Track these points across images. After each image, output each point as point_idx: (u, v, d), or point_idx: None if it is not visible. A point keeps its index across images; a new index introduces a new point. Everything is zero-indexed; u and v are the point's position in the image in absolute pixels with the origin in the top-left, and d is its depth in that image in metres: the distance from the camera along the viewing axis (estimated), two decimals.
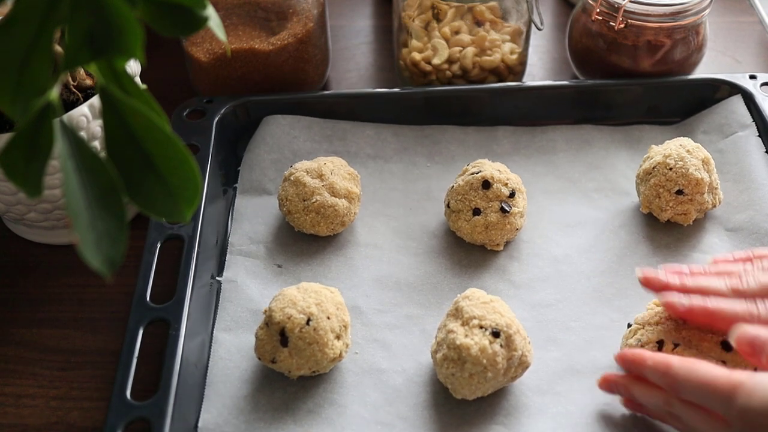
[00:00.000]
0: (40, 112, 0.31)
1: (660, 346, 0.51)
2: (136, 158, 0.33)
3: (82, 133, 0.57)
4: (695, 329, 0.52)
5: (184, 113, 0.69)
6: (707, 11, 0.71)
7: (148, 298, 0.54)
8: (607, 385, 0.52)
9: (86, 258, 0.31)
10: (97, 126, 0.58)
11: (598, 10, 0.71)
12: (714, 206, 0.63)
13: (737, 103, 0.70)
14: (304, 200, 0.62)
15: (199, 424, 0.51)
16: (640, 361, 0.49)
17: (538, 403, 0.53)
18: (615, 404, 0.52)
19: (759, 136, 0.68)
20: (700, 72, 0.77)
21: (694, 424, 0.47)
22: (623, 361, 0.50)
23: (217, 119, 0.68)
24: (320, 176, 0.63)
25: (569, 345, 0.56)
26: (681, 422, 0.48)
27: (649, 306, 0.55)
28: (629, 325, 0.55)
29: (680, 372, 0.46)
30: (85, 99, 0.60)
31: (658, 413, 0.50)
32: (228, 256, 0.62)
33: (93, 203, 0.31)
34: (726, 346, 0.50)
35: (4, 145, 0.32)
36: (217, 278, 0.61)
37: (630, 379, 0.50)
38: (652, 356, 0.48)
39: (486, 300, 0.53)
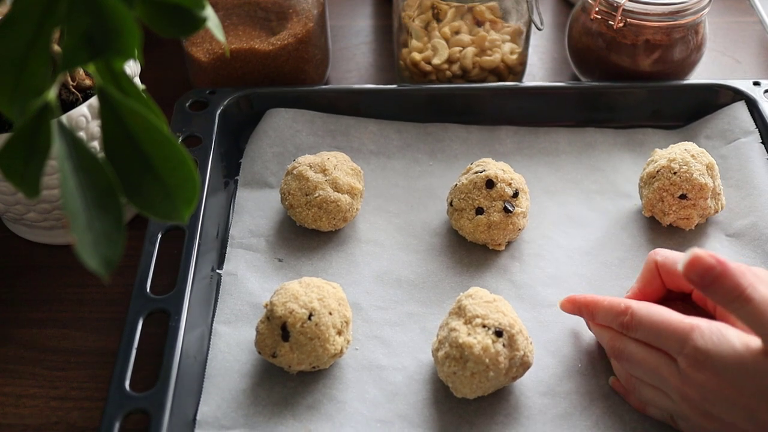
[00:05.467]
0: (38, 113, 0.31)
1: None
2: (134, 159, 0.33)
3: (81, 134, 0.57)
4: None
5: (187, 104, 0.69)
6: (706, 10, 0.71)
7: (148, 289, 0.54)
8: (571, 305, 0.55)
9: (83, 259, 0.31)
10: (96, 126, 0.58)
11: (597, 9, 0.71)
12: (716, 212, 0.63)
13: (740, 109, 0.70)
14: (307, 195, 0.62)
15: (198, 417, 0.51)
16: (593, 306, 0.53)
17: (539, 404, 0.53)
18: (616, 406, 0.52)
19: (762, 142, 0.67)
20: (700, 72, 0.77)
21: (642, 359, 0.49)
22: (573, 304, 0.54)
23: (219, 111, 0.68)
24: (323, 171, 0.63)
25: (570, 346, 0.56)
26: (624, 360, 0.50)
27: None
28: None
29: (640, 311, 0.49)
30: (85, 99, 0.60)
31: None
32: (228, 249, 0.62)
33: (91, 204, 0.31)
34: None
35: (2, 146, 0.32)
36: (217, 271, 0.61)
37: (594, 304, 0.53)
38: (604, 298, 0.52)
39: (489, 299, 0.53)
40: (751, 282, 0.44)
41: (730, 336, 0.44)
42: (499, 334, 0.50)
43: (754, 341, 0.44)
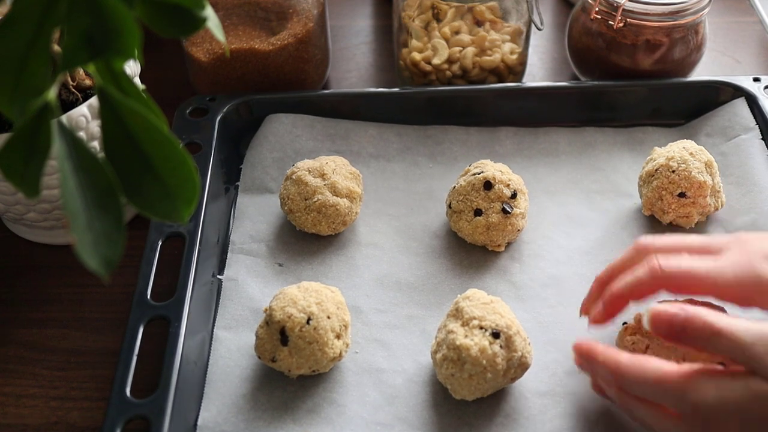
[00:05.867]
0: (38, 113, 0.31)
1: None
2: (134, 159, 0.33)
3: (81, 134, 0.57)
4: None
5: (187, 111, 0.69)
6: (706, 10, 0.71)
7: (148, 296, 0.54)
8: (578, 355, 0.50)
9: (83, 259, 0.31)
10: (96, 126, 0.58)
11: (597, 9, 0.71)
12: (716, 209, 0.63)
13: (741, 105, 0.70)
14: (306, 199, 0.62)
15: (199, 423, 0.51)
16: (591, 356, 0.49)
17: (538, 405, 0.53)
18: (615, 407, 0.52)
19: (762, 139, 0.67)
20: (700, 72, 0.77)
21: (648, 420, 0.47)
22: (578, 352, 0.50)
23: (219, 117, 0.68)
24: (322, 175, 0.63)
25: (569, 347, 0.56)
26: (636, 418, 0.48)
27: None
28: (624, 323, 0.55)
29: (630, 370, 0.46)
30: (85, 99, 0.60)
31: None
32: (229, 255, 0.62)
33: (91, 204, 0.31)
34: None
35: (2, 146, 0.32)
36: (217, 276, 0.61)
37: (592, 356, 0.49)
38: (603, 352, 0.48)
39: (486, 301, 0.53)
40: (716, 318, 0.44)
41: (726, 380, 0.43)
42: (496, 335, 0.50)
43: (752, 381, 0.42)
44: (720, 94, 0.71)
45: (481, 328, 0.51)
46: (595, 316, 0.52)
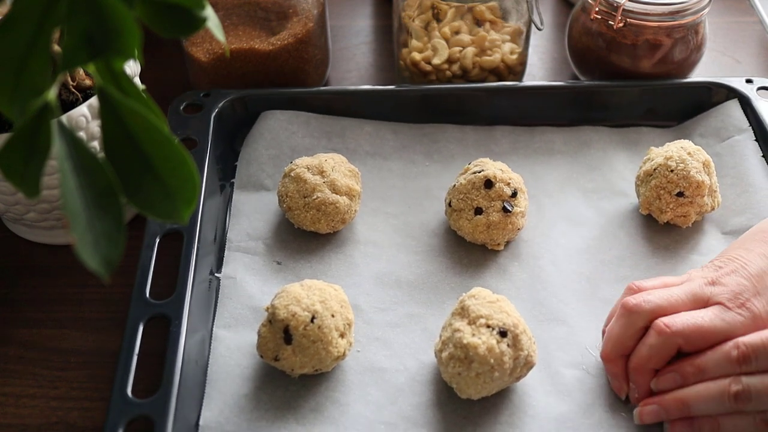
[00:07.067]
0: (38, 113, 0.31)
1: None
2: (134, 159, 0.33)
3: (81, 134, 0.57)
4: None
5: (181, 107, 0.69)
6: (706, 10, 0.71)
7: (147, 294, 0.54)
8: (653, 413, 0.50)
9: (84, 259, 0.31)
10: (96, 126, 0.58)
11: (597, 9, 0.71)
12: (713, 209, 0.63)
13: (734, 106, 0.70)
14: (305, 197, 0.62)
15: (201, 422, 0.51)
16: (696, 363, 0.50)
17: (542, 403, 0.53)
18: (618, 405, 0.52)
19: (756, 140, 0.68)
20: (700, 72, 0.77)
21: None
22: (665, 381, 0.50)
23: (215, 113, 0.68)
24: (321, 173, 0.63)
25: (570, 344, 0.56)
26: (751, 399, 0.48)
27: None
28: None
29: (750, 340, 0.48)
30: (85, 99, 0.60)
31: (717, 410, 0.49)
32: (226, 253, 0.62)
33: (91, 204, 0.31)
34: None
35: (2, 146, 0.32)
36: (216, 274, 0.60)
37: (680, 392, 0.50)
38: (704, 354, 0.50)
39: (492, 299, 0.53)
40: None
41: None
42: (503, 334, 0.50)
43: None
44: (713, 95, 0.72)
45: (488, 326, 0.51)
46: (638, 400, 0.52)
